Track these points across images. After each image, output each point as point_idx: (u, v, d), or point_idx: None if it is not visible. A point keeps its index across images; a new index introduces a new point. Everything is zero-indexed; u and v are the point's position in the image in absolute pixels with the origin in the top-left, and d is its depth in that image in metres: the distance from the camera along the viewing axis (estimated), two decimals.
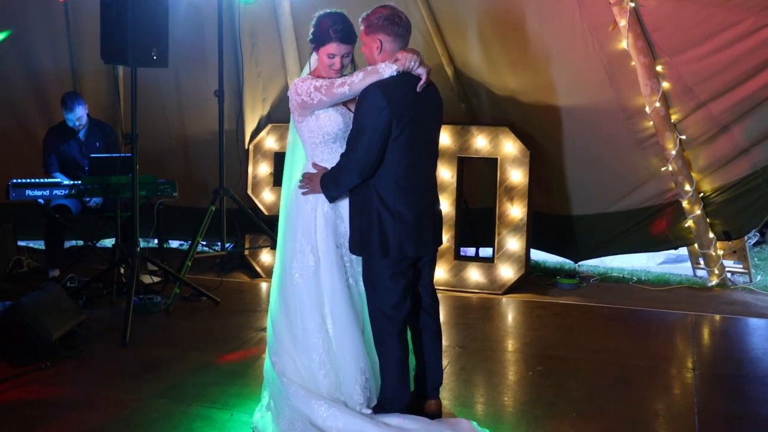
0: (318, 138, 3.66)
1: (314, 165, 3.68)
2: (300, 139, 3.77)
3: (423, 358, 3.85)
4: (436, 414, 3.80)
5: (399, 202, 3.58)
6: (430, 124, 3.71)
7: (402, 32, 3.58)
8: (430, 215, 3.72)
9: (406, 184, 3.58)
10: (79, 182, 6.11)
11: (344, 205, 3.70)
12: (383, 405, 3.66)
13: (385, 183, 3.57)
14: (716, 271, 6.57)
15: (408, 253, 3.61)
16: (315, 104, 3.60)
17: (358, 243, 3.64)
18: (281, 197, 3.88)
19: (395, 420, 3.57)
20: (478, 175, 6.86)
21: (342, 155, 3.59)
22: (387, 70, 3.50)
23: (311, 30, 3.67)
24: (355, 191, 3.63)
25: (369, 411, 3.63)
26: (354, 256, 3.70)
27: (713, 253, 6.51)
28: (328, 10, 3.66)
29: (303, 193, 3.68)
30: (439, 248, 3.83)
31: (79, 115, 6.52)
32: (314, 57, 3.73)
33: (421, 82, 3.55)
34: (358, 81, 3.53)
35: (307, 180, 3.67)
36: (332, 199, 3.63)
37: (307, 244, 3.67)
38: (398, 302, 3.63)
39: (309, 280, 3.66)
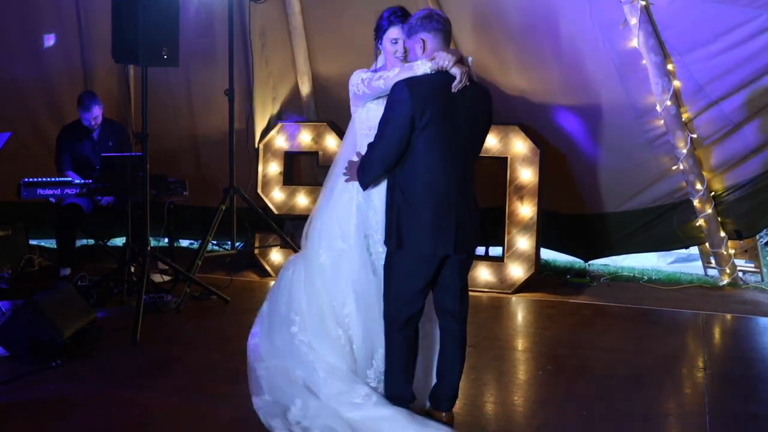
0: (364, 129, 3.80)
1: (358, 154, 3.79)
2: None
3: (442, 363, 3.76)
4: None
5: (418, 198, 3.57)
6: (464, 124, 3.60)
7: (440, 27, 3.61)
8: (454, 214, 3.59)
9: (429, 180, 3.56)
10: (91, 181, 6.14)
11: (378, 196, 3.77)
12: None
13: (407, 178, 3.58)
14: (727, 271, 6.55)
15: (423, 250, 3.57)
16: (362, 96, 3.77)
17: (385, 234, 3.70)
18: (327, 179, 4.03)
19: (382, 411, 3.61)
20: (488, 174, 6.85)
21: (368, 145, 3.66)
22: (422, 67, 3.56)
23: (375, 26, 3.83)
24: (387, 184, 3.69)
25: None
26: (380, 249, 3.77)
27: (724, 252, 6.48)
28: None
29: (345, 180, 3.81)
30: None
31: (95, 114, 6.54)
32: (381, 55, 3.86)
33: (455, 82, 3.53)
34: (393, 76, 3.61)
35: (349, 168, 3.80)
36: (365, 186, 3.71)
37: (339, 229, 3.82)
38: (408, 299, 3.62)
39: (335, 262, 3.83)
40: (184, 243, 8.02)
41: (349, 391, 3.70)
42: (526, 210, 6.37)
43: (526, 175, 6.36)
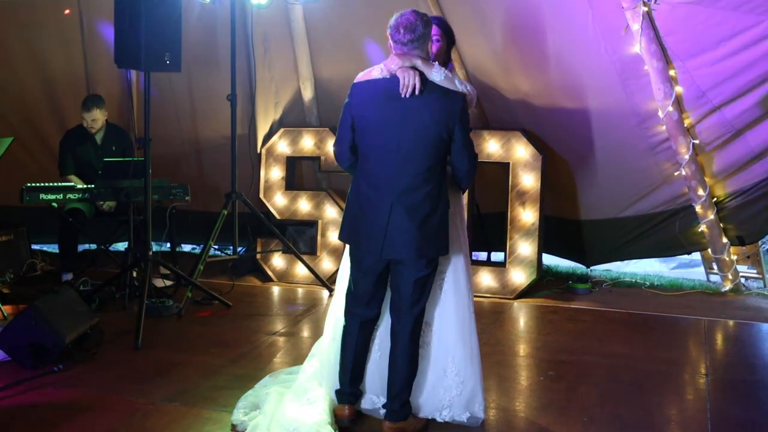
0: None
1: None
2: None
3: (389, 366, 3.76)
4: None
5: (359, 198, 3.68)
6: (411, 129, 3.53)
7: (398, 36, 3.58)
8: (386, 218, 3.54)
9: (368, 182, 3.63)
10: (93, 186, 6.14)
11: None
12: None
13: (355, 178, 3.73)
14: (730, 277, 6.54)
15: (340, 239, 3.77)
16: None
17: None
18: None
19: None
20: (490, 180, 6.85)
21: None
22: (376, 71, 3.68)
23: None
24: None
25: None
26: None
27: (727, 258, 6.48)
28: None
29: None
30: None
31: (94, 116, 6.52)
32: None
33: (400, 87, 3.51)
34: (360, 76, 3.75)
35: None
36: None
37: None
38: (355, 293, 3.77)
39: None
40: (186, 248, 8.03)
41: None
42: (528, 215, 6.37)
43: (528, 180, 6.36)
